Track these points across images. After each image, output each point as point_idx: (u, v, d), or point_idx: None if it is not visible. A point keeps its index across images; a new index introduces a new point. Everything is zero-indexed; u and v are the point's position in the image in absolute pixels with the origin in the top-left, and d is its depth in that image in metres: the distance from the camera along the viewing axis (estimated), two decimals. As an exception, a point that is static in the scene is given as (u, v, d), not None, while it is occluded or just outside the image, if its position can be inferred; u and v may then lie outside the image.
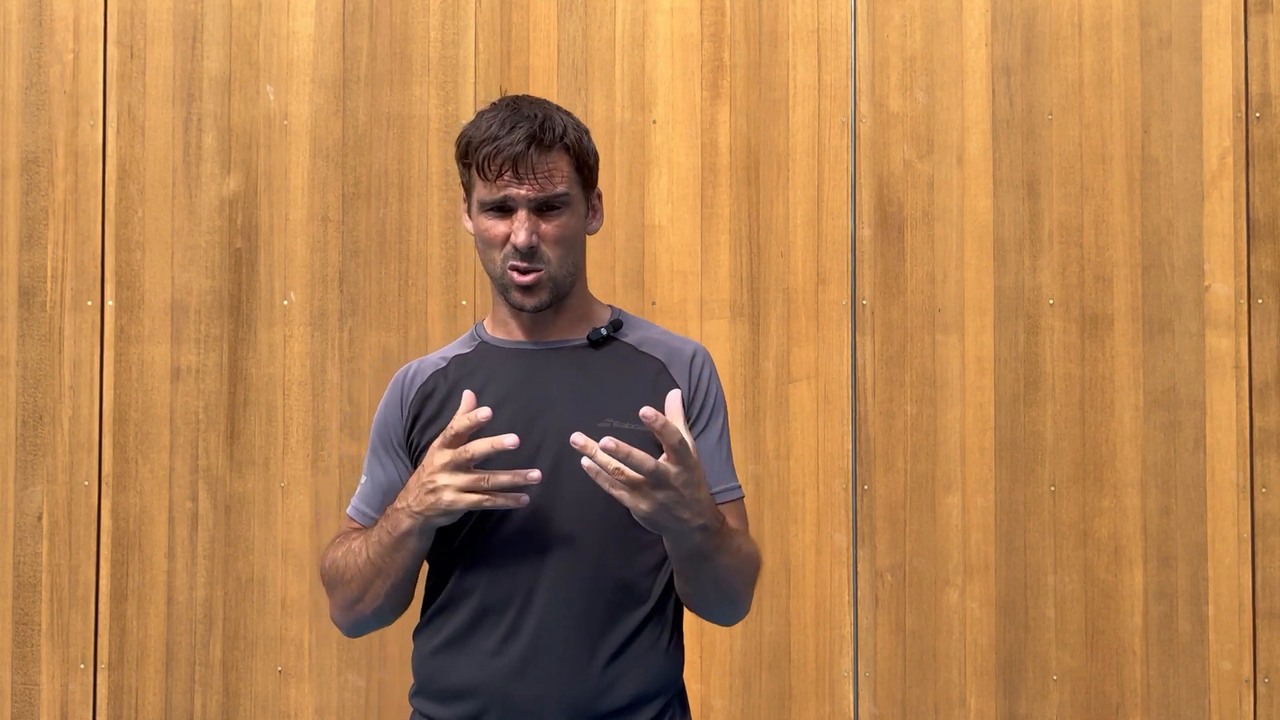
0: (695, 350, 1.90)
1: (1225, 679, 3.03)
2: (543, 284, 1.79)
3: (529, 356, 1.85)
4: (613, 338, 1.88)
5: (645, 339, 1.89)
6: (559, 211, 1.80)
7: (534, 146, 1.76)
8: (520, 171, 1.75)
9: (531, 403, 1.80)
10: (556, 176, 1.78)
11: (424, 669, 1.85)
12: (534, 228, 1.77)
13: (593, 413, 1.78)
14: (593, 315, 1.90)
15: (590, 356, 1.86)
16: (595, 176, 1.87)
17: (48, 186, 3.35)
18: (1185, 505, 3.06)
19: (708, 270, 3.20)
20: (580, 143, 1.83)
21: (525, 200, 1.77)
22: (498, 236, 1.79)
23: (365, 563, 1.77)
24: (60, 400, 3.32)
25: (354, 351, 3.26)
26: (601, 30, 3.26)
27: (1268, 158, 3.08)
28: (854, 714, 3.12)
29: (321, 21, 3.32)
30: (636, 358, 1.86)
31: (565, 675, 1.73)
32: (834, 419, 3.16)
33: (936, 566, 3.12)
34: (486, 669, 1.75)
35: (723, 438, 1.89)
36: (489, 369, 1.85)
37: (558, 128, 1.79)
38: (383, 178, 3.28)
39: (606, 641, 1.75)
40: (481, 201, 1.80)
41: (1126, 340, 3.09)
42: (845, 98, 3.20)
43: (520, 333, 1.87)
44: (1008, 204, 3.14)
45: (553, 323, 1.86)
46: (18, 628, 3.31)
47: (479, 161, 1.77)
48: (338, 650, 3.24)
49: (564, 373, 1.83)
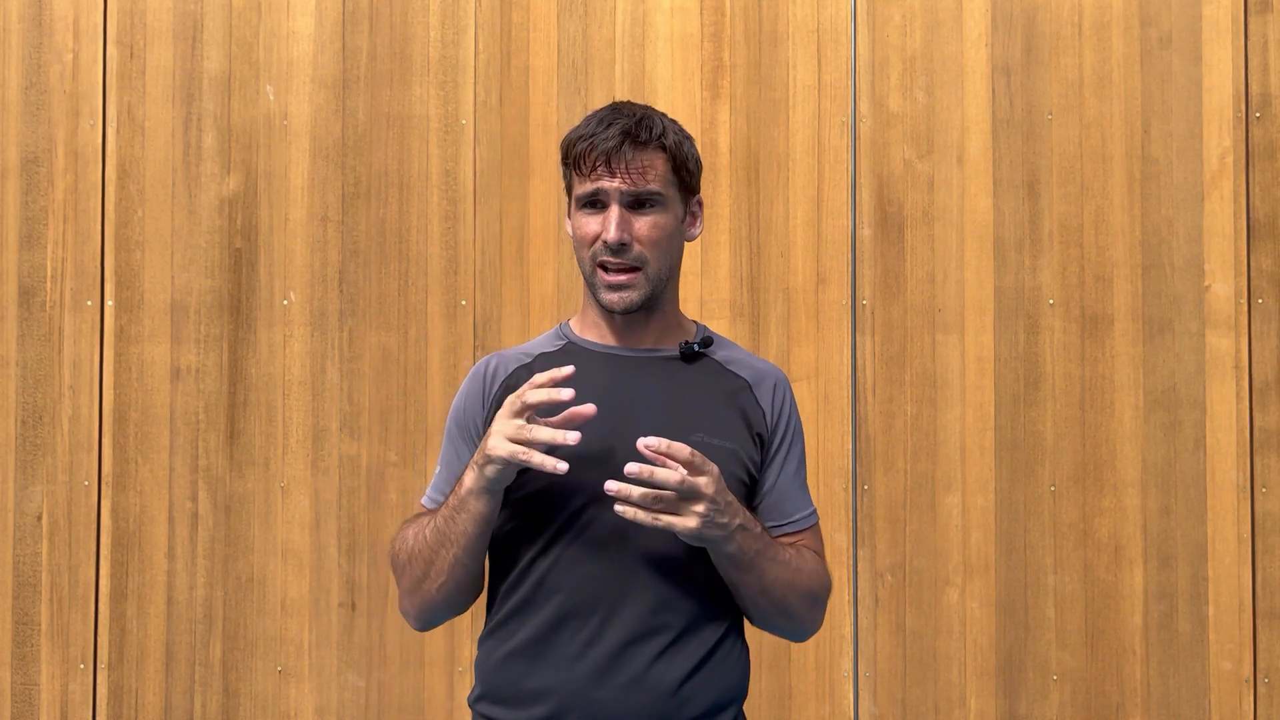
0: (778, 376, 1.91)
1: (1225, 679, 3.03)
2: (635, 284, 1.79)
3: (620, 363, 1.84)
4: (703, 353, 1.87)
5: (732, 358, 1.89)
6: (653, 209, 1.79)
7: (628, 142, 1.77)
8: (613, 165, 1.76)
9: (620, 409, 1.78)
10: (650, 174, 1.78)
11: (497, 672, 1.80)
12: (625, 223, 1.77)
13: (683, 426, 1.78)
14: (683, 327, 1.90)
15: (681, 369, 1.85)
16: (696, 182, 1.87)
17: (48, 186, 3.35)
18: (1185, 505, 3.06)
19: (708, 270, 3.20)
20: (680, 145, 1.83)
21: (617, 194, 1.77)
22: (589, 233, 1.79)
23: (432, 533, 1.76)
24: (60, 400, 3.32)
25: (354, 351, 3.26)
26: (601, 30, 3.26)
27: (1268, 158, 3.08)
28: (854, 714, 3.12)
29: (321, 21, 3.32)
30: (724, 375, 1.86)
31: (647, 685, 1.73)
32: (834, 419, 3.16)
33: (936, 566, 3.12)
34: (567, 673, 1.74)
35: (800, 466, 1.90)
36: (578, 370, 1.80)
37: (655, 127, 1.80)
38: (383, 178, 3.28)
39: (687, 654, 1.75)
40: (577, 197, 1.80)
41: (1126, 340, 3.09)
42: (845, 98, 3.20)
43: (612, 337, 1.86)
44: (1008, 204, 3.14)
45: (644, 329, 1.85)
46: (18, 628, 3.31)
47: (575, 156, 1.78)
48: (338, 650, 3.24)
49: (655, 383, 1.82)
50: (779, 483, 1.85)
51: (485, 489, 1.70)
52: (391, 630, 3.22)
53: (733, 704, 1.82)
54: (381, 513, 3.24)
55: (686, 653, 1.75)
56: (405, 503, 3.21)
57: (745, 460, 1.82)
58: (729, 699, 1.81)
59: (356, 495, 3.24)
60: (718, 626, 1.79)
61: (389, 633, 3.23)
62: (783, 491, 1.86)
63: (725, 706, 1.80)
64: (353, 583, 3.24)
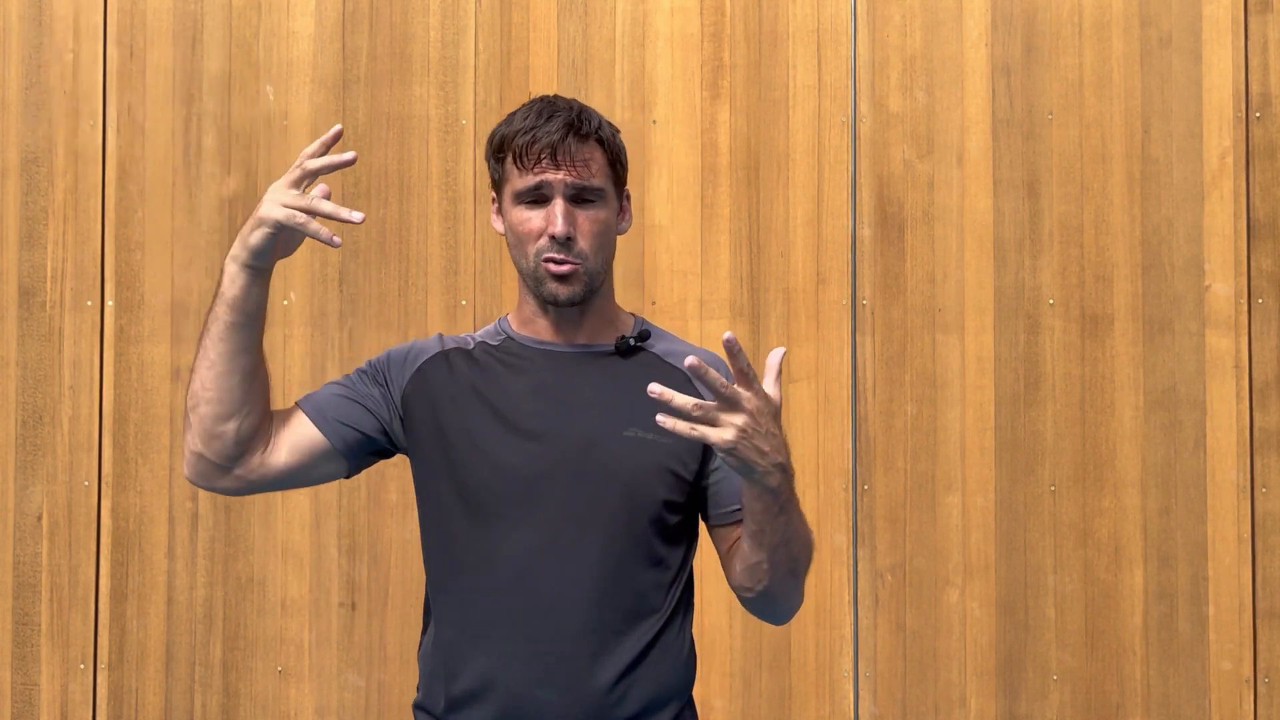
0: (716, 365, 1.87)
1: (1225, 679, 3.03)
2: (578, 276, 1.77)
3: (555, 359, 1.83)
4: (640, 347, 1.86)
5: (671, 350, 1.88)
6: (594, 204, 1.78)
7: (571, 135, 1.76)
8: (558, 158, 1.75)
9: (558, 406, 1.78)
10: (593, 166, 1.78)
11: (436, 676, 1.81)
12: (570, 218, 1.76)
13: (618, 421, 1.77)
14: (618, 321, 1.89)
15: (618, 365, 1.84)
16: (626, 176, 1.86)
17: (48, 186, 3.35)
18: (1185, 505, 3.06)
19: (708, 270, 3.20)
20: (614, 139, 1.83)
21: (562, 186, 1.76)
22: (533, 229, 1.77)
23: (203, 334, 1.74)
24: (60, 400, 3.32)
25: (354, 351, 3.26)
26: (601, 30, 3.26)
27: (1268, 158, 3.08)
28: (854, 714, 3.12)
29: (321, 21, 3.32)
30: (663, 369, 1.84)
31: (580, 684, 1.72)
32: (834, 419, 3.16)
33: (936, 566, 3.12)
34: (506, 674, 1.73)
35: None
36: (513, 365, 1.83)
37: (593, 120, 1.80)
38: (383, 178, 3.28)
39: (620, 652, 1.74)
40: (517, 192, 1.78)
41: (1126, 340, 3.09)
42: (845, 98, 3.20)
43: (548, 333, 1.84)
44: (1008, 204, 3.14)
45: (580, 324, 1.84)
46: (18, 628, 3.31)
47: (516, 150, 1.77)
48: (338, 650, 3.24)
49: (589, 380, 1.81)
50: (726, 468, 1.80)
51: (248, 262, 1.70)
52: (391, 630, 3.22)
53: (673, 701, 1.81)
54: (381, 513, 3.24)
55: (620, 652, 1.74)
56: (405, 503, 3.21)
57: (682, 454, 1.79)
58: (667, 696, 1.80)
59: (356, 495, 3.24)
60: (651, 625, 1.78)
61: (389, 633, 3.23)
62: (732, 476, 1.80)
63: (663, 704, 1.79)
64: (353, 583, 3.24)
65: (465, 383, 1.82)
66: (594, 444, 1.76)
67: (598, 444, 1.76)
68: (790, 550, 1.74)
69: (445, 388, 1.82)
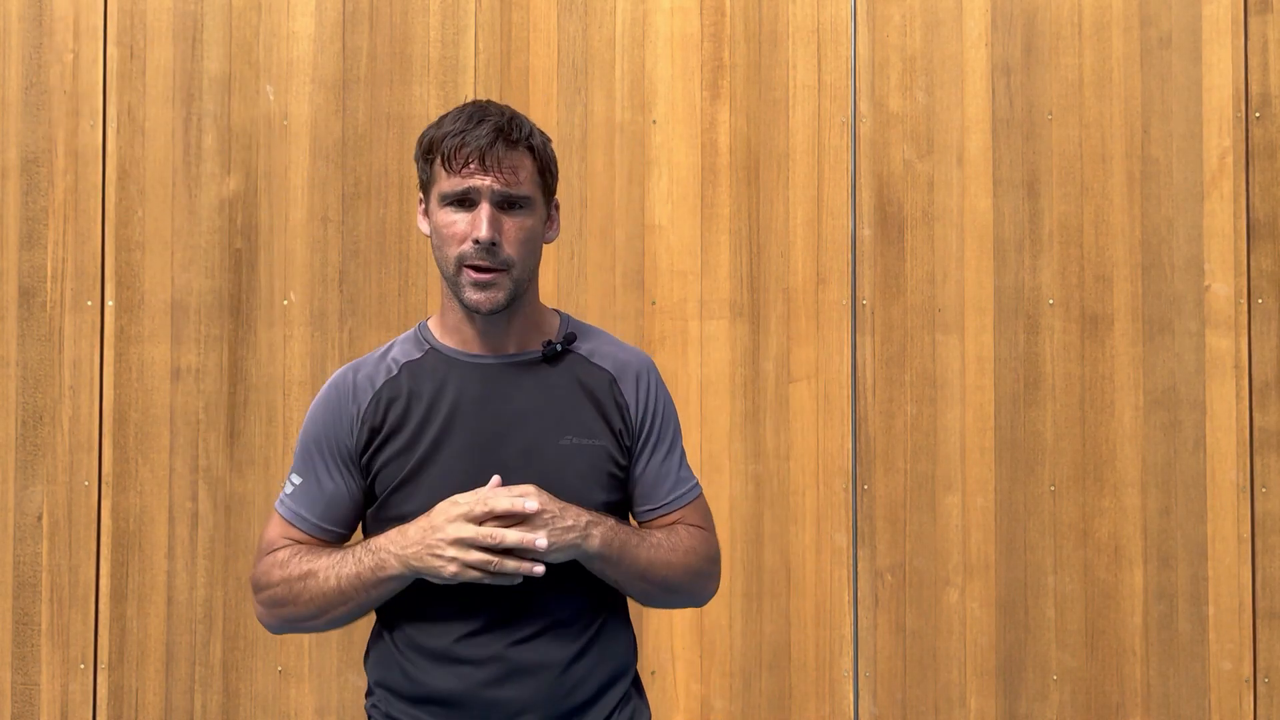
0: (640, 364, 1.92)
1: (1225, 679, 3.03)
2: (500, 284, 1.78)
3: (486, 371, 1.84)
4: (567, 350, 1.88)
5: (596, 350, 1.90)
6: (521, 211, 1.79)
7: (500, 141, 1.76)
8: (486, 163, 1.75)
9: (493, 421, 1.81)
10: (521, 174, 1.78)
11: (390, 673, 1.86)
12: (496, 223, 1.76)
13: (553, 431, 1.81)
14: (544, 323, 1.90)
15: (546, 372, 1.86)
16: (555, 185, 1.87)
17: (48, 186, 3.35)
18: (1185, 505, 3.06)
19: (708, 270, 3.20)
20: (545, 147, 1.84)
21: (489, 192, 1.76)
22: (457, 232, 1.77)
23: (333, 590, 1.78)
24: (60, 400, 3.32)
25: (354, 351, 3.26)
26: (601, 30, 3.26)
27: (1268, 158, 3.08)
28: (854, 714, 3.12)
29: (321, 21, 3.32)
30: (589, 370, 1.87)
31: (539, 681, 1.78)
32: (834, 419, 3.16)
33: (936, 566, 3.12)
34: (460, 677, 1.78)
35: (674, 447, 1.93)
36: (444, 380, 1.83)
37: (524, 127, 1.81)
38: (383, 178, 3.28)
39: (575, 639, 1.81)
40: (443, 194, 1.78)
41: (1126, 340, 3.09)
42: (845, 98, 3.20)
43: (475, 343, 1.85)
44: (1008, 204, 3.14)
45: (506, 332, 1.85)
46: (18, 628, 3.31)
47: (445, 153, 1.77)
48: (338, 650, 3.24)
49: (523, 390, 1.83)
50: (648, 469, 1.89)
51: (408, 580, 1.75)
52: (391, 630, 3.22)
53: (621, 679, 1.88)
54: (381, 513, 3.24)
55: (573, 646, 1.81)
56: (405, 503, 3.21)
57: (615, 454, 1.85)
58: (617, 675, 1.87)
59: (356, 495, 3.24)
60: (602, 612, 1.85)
61: (389, 633, 3.22)
62: (653, 476, 1.89)
63: (614, 683, 1.86)
64: (353, 583, 3.24)
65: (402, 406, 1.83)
66: (533, 454, 1.80)
67: (536, 453, 1.80)
68: (651, 579, 1.83)
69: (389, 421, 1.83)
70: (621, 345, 1.94)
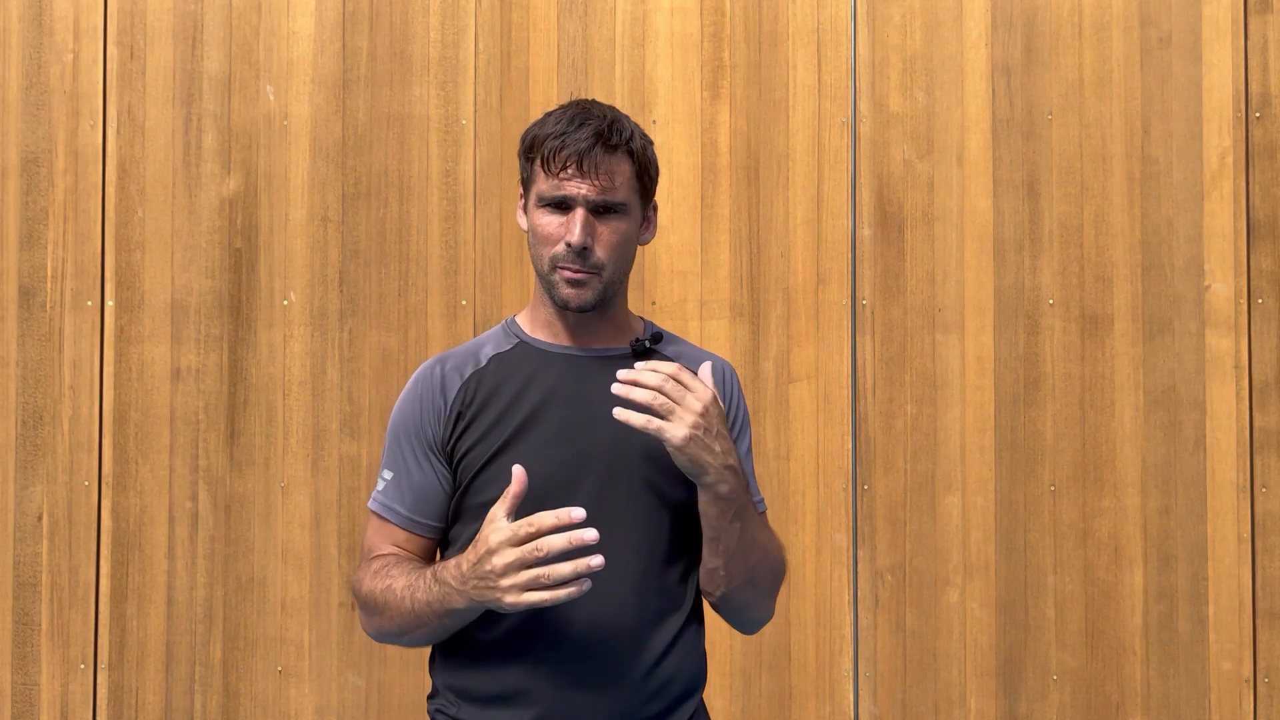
0: (725, 366, 1.93)
1: (1225, 679, 3.03)
2: (590, 284, 1.79)
3: (575, 363, 1.85)
4: (652, 349, 1.89)
5: (681, 352, 1.92)
6: (616, 216, 1.80)
7: (600, 145, 1.76)
8: (584, 168, 1.76)
9: (580, 410, 1.80)
10: (618, 179, 1.78)
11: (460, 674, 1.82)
12: (590, 229, 1.77)
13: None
14: (630, 325, 1.91)
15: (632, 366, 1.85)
16: (654, 188, 1.87)
17: (48, 186, 3.35)
18: (1185, 505, 3.06)
19: (708, 270, 3.20)
20: (645, 151, 1.84)
21: (585, 199, 1.77)
22: (552, 233, 1.79)
23: (409, 612, 1.75)
24: (60, 400, 3.32)
25: (354, 351, 3.26)
26: (601, 30, 3.26)
27: (1268, 158, 3.08)
28: (854, 714, 3.12)
29: (321, 21, 3.32)
30: None
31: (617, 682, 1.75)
32: (834, 419, 3.16)
33: (936, 566, 3.12)
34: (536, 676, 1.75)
35: (749, 453, 1.93)
36: (531, 370, 1.84)
37: (625, 131, 1.80)
38: (383, 178, 3.28)
39: (652, 648, 1.77)
40: (541, 196, 1.80)
41: (1126, 340, 3.09)
42: (845, 98, 3.20)
43: (565, 336, 1.86)
44: (1008, 204, 3.14)
45: (596, 329, 1.86)
46: (18, 628, 3.31)
47: (544, 155, 1.78)
48: (338, 650, 3.24)
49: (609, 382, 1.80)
50: None
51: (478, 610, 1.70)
52: (391, 630, 3.22)
53: (695, 692, 1.85)
54: (381, 513, 3.24)
55: (652, 648, 1.77)
56: (405, 503, 3.21)
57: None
58: (692, 687, 1.84)
59: (356, 495, 3.24)
60: (677, 619, 1.81)
61: (389, 633, 3.22)
62: None
63: (689, 695, 1.83)
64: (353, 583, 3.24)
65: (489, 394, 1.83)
66: (618, 447, 1.79)
67: (622, 447, 1.78)
68: (747, 559, 1.79)
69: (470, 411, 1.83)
70: (704, 351, 1.96)
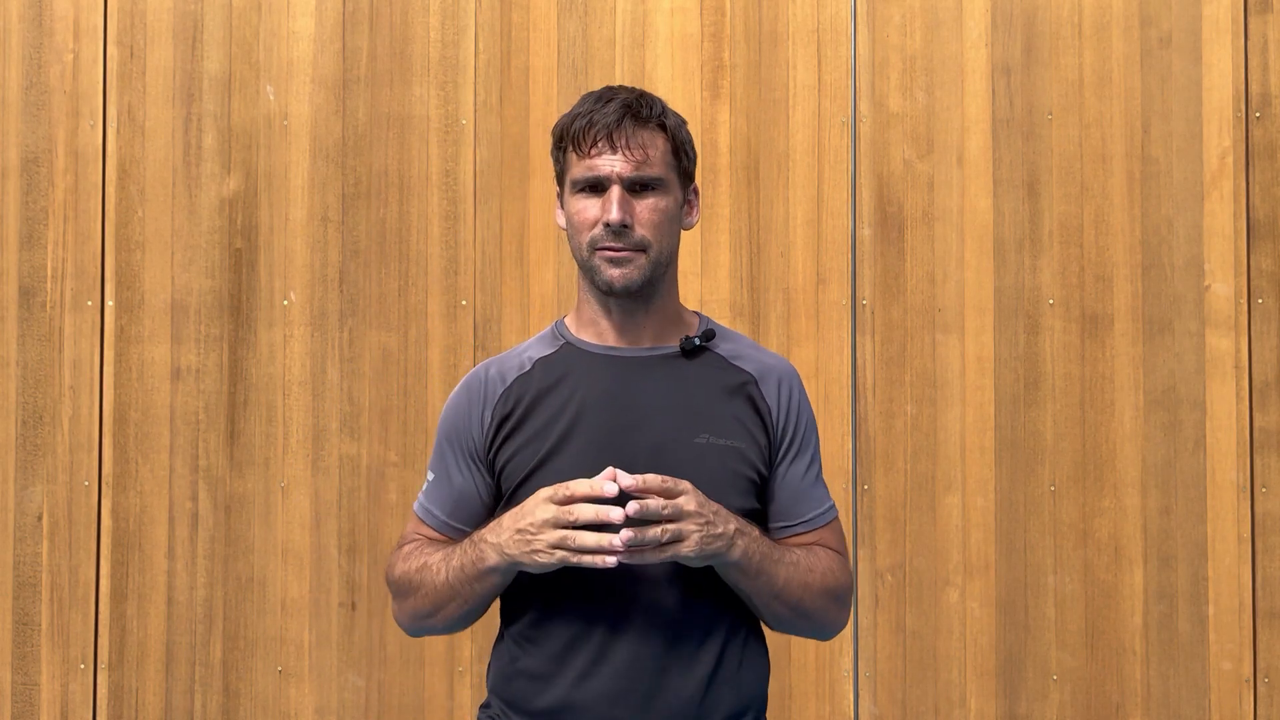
0: (784, 370, 1.83)
1: (1225, 679, 3.03)
2: (636, 261, 1.71)
3: (620, 364, 1.77)
4: (705, 347, 1.80)
5: (736, 351, 1.82)
6: (654, 193, 1.73)
7: (629, 118, 1.71)
8: (615, 142, 1.70)
9: (623, 415, 1.74)
10: (652, 153, 1.72)
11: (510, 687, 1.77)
12: (627, 205, 1.70)
13: (688, 427, 1.73)
14: (682, 320, 1.83)
15: (683, 367, 1.78)
16: (694, 168, 1.81)
17: (48, 186, 3.35)
18: (1185, 505, 3.06)
19: (708, 270, 3.20)
20: (679, 129, 1.78)
21: (619, 176, 1.70)
22: (588, 218, 1.72)
23: (443, 584, 1.72)
24: (60, 400, 3.32)
25: (354, 351, 3.26)
26: (601, 30, 3.26)
27: (1268, 158, 3.08)
28: (854, 714, 3.12)
29: (321, 21, 3.32)
30: (728, 369, 1.79)
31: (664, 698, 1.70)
32: (834, 419, 3.16)
33: (936, 566, 3.12)
34: (580, 691, 1.70)
35: (814, 462, 1.84)
36: (577, 374, 1.77)
37: (655, 106, 1.75)
38: (383, 178, 3.28)
39: (700, 663, 1.72)
40: (574, 181, 1.73)
41: (1126, 340, 3.09)
42: (845, 98, 3.20)
43: (611, 336, 1.79)
44: (1008, 204, 3.14)
45: (644, 324, 1.78)
46: (18, 628, 3.31)
47: (573, 136, 1.72)
48: (338, 650, 3.24)
49: (657, 384, 1.76)
50: (788, 481, 1.80)
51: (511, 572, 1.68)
52: (391, 630, 3.22)
53: (749, 710, 1.78)
54: (381, 513, 3.24)
55: (700, 663, 1.71)
56: (405, 502, 3.21)
57: (753, 459, 1.76)
58: (746, 704, 1.77)
59: (356, 495, 3.24)
60: (730, 633, 1.75)
61: (389, 633, 3.23)
62: (792, 491, 1.80)
63: (743, 713, 1.76)
64: (353, 583, 3.24)
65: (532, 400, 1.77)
66: (664, 451, 1.71)
67: (668, 451, 1.71)
68: (785, 600, 1.74)
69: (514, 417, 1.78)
70: (765, 351, 1.87)
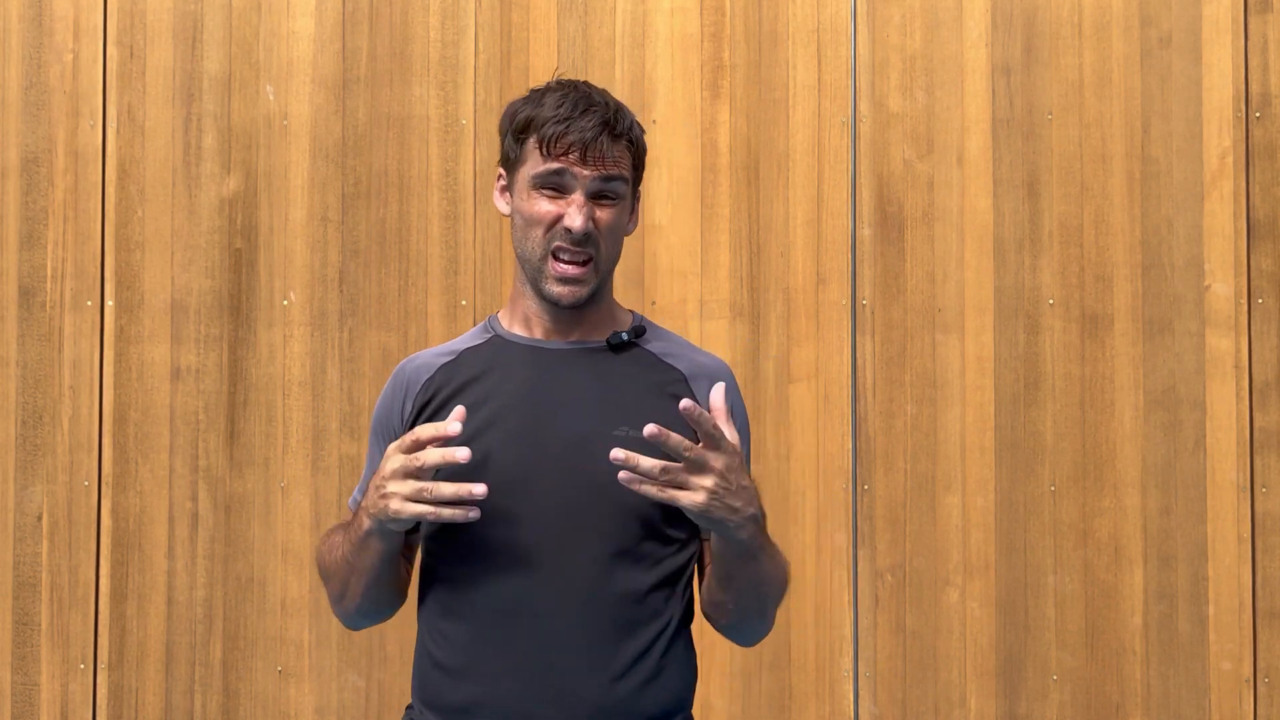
0: (718, 369, 1.81)
1: (1225, 679, 3.03)
2: (586, 279, 1.71)
3: (545, 356, 1.76)
4: (634, 344, 1.79)
5: (668, 350, 1.81)
6: (613, 203, 1.73)
7: (606, 134, 1.70)
8: (588, 156, 1.69)
9: (544, 405, 1.72)
10: (622, 166, 1.73)
11: (428, 683, 1.74)
12: (590, 214, 1.70)
13: (607, 419, 1.70)
14: (615, 318, 1.82)
15: (609, 361, 1.77)
16: (642, 177, 1.82)
17: (48, 186, 3.35)
18: (1185, 505, 3.06)
19: (708, 270, 3.20)
20: (640, 141, 1.78)
21: (586, 182, 1.70)
22: (547, 215, 1.71)
23: (341, 560, 1.72)
24: (60, 400, 3.32)
25: (354, 351, 3.26)
26: (601, 30, 3.26)
27: (1268, 158, 3.08)
28: (854, 714, 3.12)
29: (321, 21, 3.32)
30: (657, 366, 1.78)
31: (573, 698, 1.66)
32: (834, 419, 3.16)
33: (936, 566, 3.12)
34: (494, 687, 1.67)
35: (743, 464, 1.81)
36: (502, 365, 1.76)
37: (627, 119, 1.75)
38: (383, 178, 3.28)
39: (618, 658, 1.68)
40: (535, 175, 1.72)
41: (1126, 340, 3.09)
42: (845, 98, 3.20)
43: (540, 330, 1.78)
44: (1008, 204, 3.14)
45: (576, 323, 1.77)
46: (18, 628, 3.31)
47: (545, 138, 1.70)
48: (338, 650, 3.24)
49: (580, 377, 1.75)
50: None
51: (385, 534, 1.65)
52: (391, 630, 3.22)
53: (675, 714, 1.74)
54: (381, 513, 3.24)
55: (618, 659, 1.68)
56: (405, 503, 3.21)
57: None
58: (671, 709, 1.73)
59: (356, 495, 3.24)
60: (649, 631, 1.71)
61: (389, 633, 3.22)
62: None
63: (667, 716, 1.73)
64: (353, 583, 3.24)
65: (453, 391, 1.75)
66: (584, 442, 1.69)
67: (588, 442, 1.68)
68: (759, 592, 1.72)
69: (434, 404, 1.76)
70: (700, 350, 1.85)
